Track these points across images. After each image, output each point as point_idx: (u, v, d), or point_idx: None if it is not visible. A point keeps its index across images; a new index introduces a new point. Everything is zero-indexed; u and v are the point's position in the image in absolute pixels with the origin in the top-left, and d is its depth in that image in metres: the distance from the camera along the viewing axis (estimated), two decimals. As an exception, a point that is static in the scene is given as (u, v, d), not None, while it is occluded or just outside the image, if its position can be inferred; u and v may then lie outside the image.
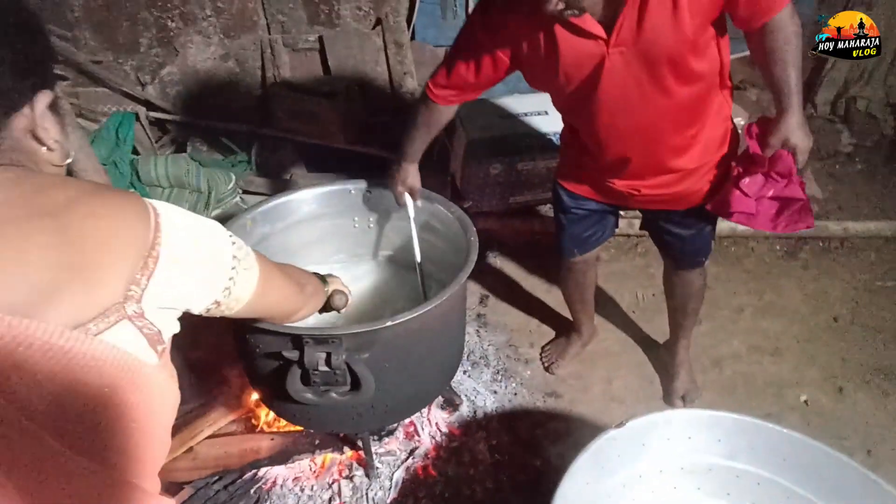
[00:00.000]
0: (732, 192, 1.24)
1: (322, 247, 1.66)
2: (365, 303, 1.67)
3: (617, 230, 1.66)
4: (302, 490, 1.51)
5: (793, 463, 1.17)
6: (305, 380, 1.16)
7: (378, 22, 2.76)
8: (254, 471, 1.51)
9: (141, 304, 0.59)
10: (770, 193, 1.21)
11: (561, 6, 1.00)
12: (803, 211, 1.21)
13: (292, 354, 1.12)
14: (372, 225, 1.69)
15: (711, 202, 1.32)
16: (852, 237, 2.38)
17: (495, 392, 1.78)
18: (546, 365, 1.87)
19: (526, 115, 2.30)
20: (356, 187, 1.63)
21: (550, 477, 1.39)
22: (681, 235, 1.47)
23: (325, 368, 1.12)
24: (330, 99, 2.57)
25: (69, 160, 0.69)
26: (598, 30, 1.09)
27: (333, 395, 1.18)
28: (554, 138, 2.26)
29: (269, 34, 2.79)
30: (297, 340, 1.10)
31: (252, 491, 1.50)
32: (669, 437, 1.21)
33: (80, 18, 2.63)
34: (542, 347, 1.93)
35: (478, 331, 2.01)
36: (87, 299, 0.55)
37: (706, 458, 1.23)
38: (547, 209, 2.48)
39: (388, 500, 1.48)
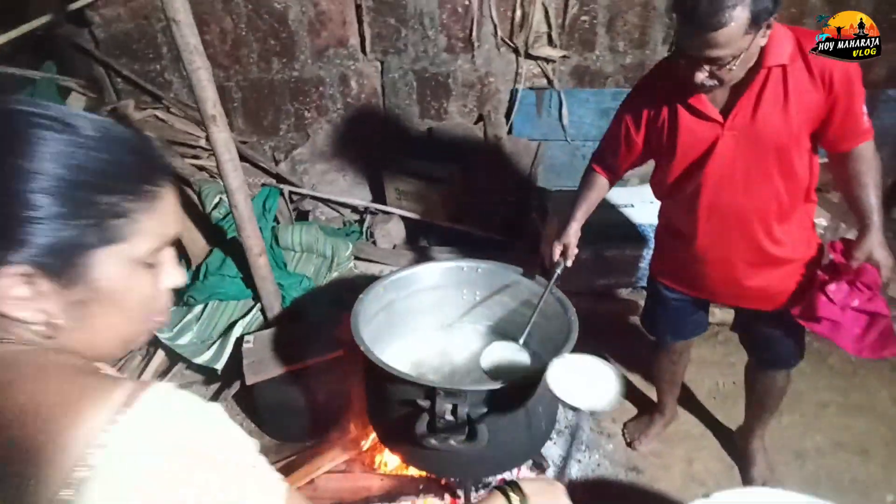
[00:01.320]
0: (818, 298, 1.32)
1: (436, 312, 1.93)
2: (466, 364, 1.91)
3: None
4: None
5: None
6: (431, 427, 1.38)
7: (480, 118, 3.16)
8: (363, 507, 1.72)
9: None
10: (855, 304, 1.29)
11: (705, 76, 1.20)
12: (889, 335, 1.27)
13: (425, 403, 1.35)
14: (478, 298, 1.95)
15: (798, 308, 1.40)
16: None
17: (579, 461, 1.91)
18: (629, 440, 1.99)
19: (614, 206, 2.54)
20: (468, 265, 1.90)
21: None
22: (772, 335, 1.56)
23: (450, 418, 1.35)
24: (434, 182, 2.93)
25: (52, 337, 0.53)
26: (717, 115, 1.30)
27: (452, 442, 1.38)
28: (640, 228, 2.47)
29: (386, 124, 3.25)
30: (431, 392, 1.34)
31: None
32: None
33: (237, 107, 3.20)
34: (625, 423, 2.06)
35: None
36: None
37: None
38: (628, 293, 2.65)
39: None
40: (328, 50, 3.02)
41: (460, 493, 1.69)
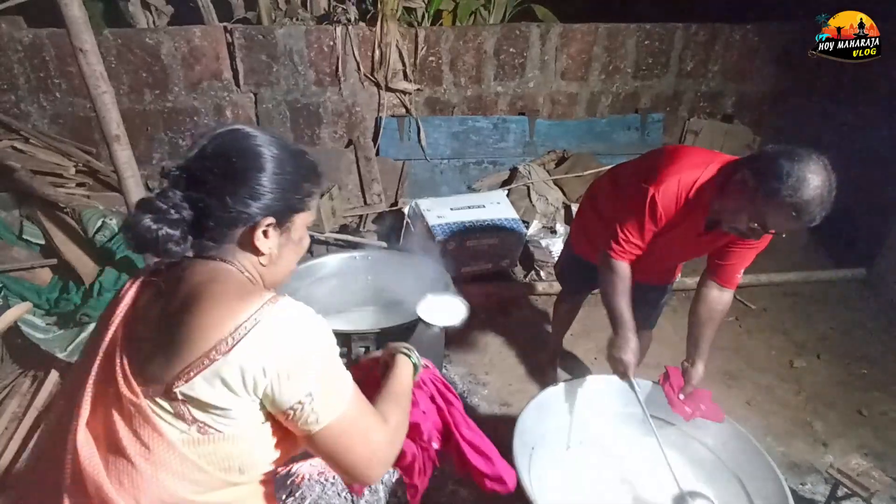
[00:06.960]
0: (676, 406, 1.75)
1: (338, 296, 2.26)
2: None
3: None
4: (326, 479, 1.97)
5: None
6: (348, 370, 1.72)
7: (350, 142, 3.58)
8: (288, 466, 1.97)
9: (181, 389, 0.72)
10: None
11: (733, 231, 1.57)
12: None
13: (343, 350, 1.69)
14: (370, 281, 2.33)
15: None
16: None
17: (465, 405, 2.36)
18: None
19: (469, 207, 3.11)
20: (359, 255, 2.29)
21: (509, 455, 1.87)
22: (650, 299, 2.09)
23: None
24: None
25: (266, 265, 0.86)
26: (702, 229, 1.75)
27: (367, 380, 1.74)
28: (490, 223, 3.06)
29: (262, 150, 3.50)
30: (347, 338, 1.69)
31: (287, 482, 1.94)
32: (591, 396, 1.85)
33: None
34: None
35: (445, 366, 2.61)
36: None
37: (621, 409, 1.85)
38: (489, 280, 3.21)
39: (394, 479, 1.98)
40: (202, 82, 3.23)
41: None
